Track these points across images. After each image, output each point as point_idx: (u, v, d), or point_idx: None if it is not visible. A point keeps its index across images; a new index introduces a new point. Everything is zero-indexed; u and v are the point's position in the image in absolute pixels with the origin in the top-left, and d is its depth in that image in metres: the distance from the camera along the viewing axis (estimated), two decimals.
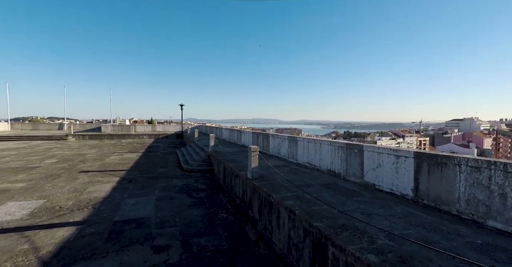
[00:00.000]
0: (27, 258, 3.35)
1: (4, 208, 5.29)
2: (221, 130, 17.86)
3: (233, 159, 8.31)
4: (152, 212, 5.25)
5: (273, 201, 4.10)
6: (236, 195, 6.30)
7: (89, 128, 28.27)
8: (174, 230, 4.35)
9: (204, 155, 11.07)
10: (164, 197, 6.35)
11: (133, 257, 3.43)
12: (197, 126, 29.49)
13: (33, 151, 14.82)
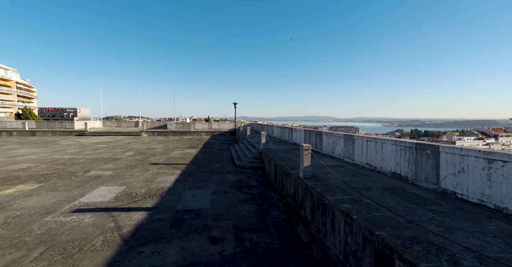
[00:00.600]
0: (113, 234, 4.00)
1: (98, 191, 6.46)
2: (272, 128, 17.96)
3: (284, 157, 8.23)
4: (208, 204, 5.62)
5: (327, 203, 3.87)
6: (287, 193, 6.22)
7: (157, 126, 32.33)
8: (228, 224, 4.56)
9: (256, 152, 11.30)
10: (218, 191, 6.74)
11: (192, 245, 3.73)
12: (249, 124, 30.46)
13: (117, 144, 17.76)
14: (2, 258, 3.28)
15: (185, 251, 3.54)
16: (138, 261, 3.27)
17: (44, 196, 5.98)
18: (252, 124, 29.08)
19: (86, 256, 3.35)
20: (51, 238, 3.85)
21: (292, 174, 5.79)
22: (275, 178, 7.74)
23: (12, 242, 3.72)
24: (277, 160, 7.59)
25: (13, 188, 6.53)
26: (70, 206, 5.34)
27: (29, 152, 13.19)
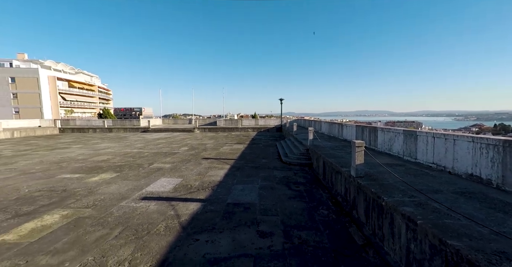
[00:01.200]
0: (173, 222, 4.46)
1: (159, 182, 7.27)
2: (320, 124, 17.27)
3: (334, 154, 7.82)
4: (256, 199, 5.75)
5: (384, 204, 3.53)
6: (337, 192, 5.91)
7: (208, 123, 34.54)
8: (276, 219, 4.59)
9: (303, 149, 11.06)
10: (266, 186, 6.83)
11: (242, 237, 3.88)
12: (295, 120, 29.97)
13: (174, 140, 19.64)
14: (94, 233, 3.99)
15: (236, 242, 3.71)
16: (195, 247, 3.57)
17: (120, 184, 7.02)
18: (298, 120, 28.53)
19: (153, 239, 3.82)
20: (126, 221, 4.51)
21: (343, 172, 5.47)
22: (323, 175, 7.44)
23: (99, 221, 4.49)
24: (325, 157, 7.28)
25: (98, 176, 7.85)
26: (139, 194, 6.14)
27: (108, 146, 15.66)
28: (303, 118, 30.46)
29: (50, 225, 4.31)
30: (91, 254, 3.38)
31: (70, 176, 7.89)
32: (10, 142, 17.93)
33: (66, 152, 12.99)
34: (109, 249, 3.51)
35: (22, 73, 50.22)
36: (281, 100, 29.75)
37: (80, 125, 29.61)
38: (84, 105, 63.64)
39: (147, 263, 3.16)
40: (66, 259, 3.24)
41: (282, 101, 29.78)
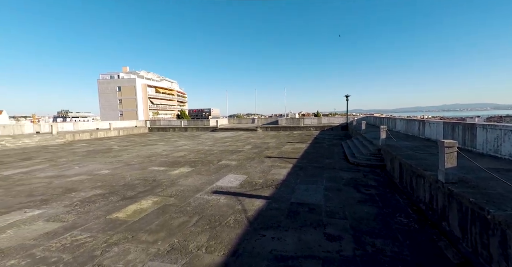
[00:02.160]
0: (241, 216, 4.75)
1: (227, 178, 7.86)
2: (395, 121, 15.25)
3: (413, 155, 6.78)
4: (322, 200, 5.53)
5: (491, 218, 2.84)
6: (419, 198, 5.10)
7: (270, 122, 35.26)
8: (344, 223, 4.32)
9: (373, 149, 10.00)
10: (331, 187, 6.49)
11: (308, 238, 3.81)
12: (363, 117, 27.37)
13: (239, 139, 20.87)
14: (177, 219, 4.65)
15: (302, 243, 3.67)
16: (262, 242, 3.71)
17: (195, 177, 7.92)
18: (367, 117, 25.97)
19: (224, 230, 4.16)
20: (201, 211, 5.06)
21: (427, 176, 4.68)
22: (400, 179, 6.55)
23: (180, 209, 5.19)
24: (403, 158, 6.38)
25: (177, 170, 9.08)
26: (210, 187, 6.78)
27: (184, 144, 17.91)
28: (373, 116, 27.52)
29: (146, 208, 5.24)
30: (176, 237, 3.94)
31: (158, 168, 9.38)
32: (117, 139, 22.66)
33: (154, 148, 15.51)
34: (189, 234, 4.02)
35: (124, 83, 62.71)
36: (347, 97, 27.70)
37: (163, 125, 34.86)
38: (166, 107, 74.52)
39: (220, 252, 3.47)
40: (159, 239, 3.88)
41: (348, 98, 27.70)
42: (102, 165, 10.08)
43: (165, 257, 3.35)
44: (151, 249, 3.57)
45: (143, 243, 3.75)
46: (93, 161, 11.20)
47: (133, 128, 31.57)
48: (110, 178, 7.89)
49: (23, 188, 6.89)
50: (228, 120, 40.23)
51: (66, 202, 5.67)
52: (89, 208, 5.25)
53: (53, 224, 4.46)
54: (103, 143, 19.11)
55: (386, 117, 19.86)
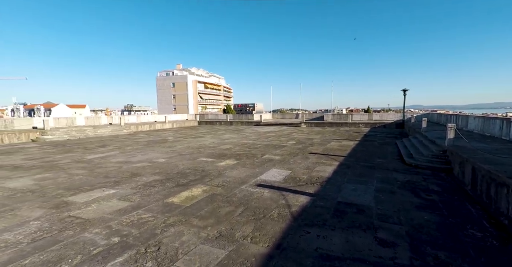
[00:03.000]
0: (285, 210, 4.77)
1: (271, 172, 7.94)
2: (466, 119, 13.11)
3: (493, 159, 5.75)
4: (372, 202, 5.15)
5: None
6: (501, 211, 4.31)
7: (314, 117, 34.11)
8: (398, 229, 3.95)
9: (436, 150, 8.81)
10: (383, 189, 5.98)
11: (357, 240, 3.60)
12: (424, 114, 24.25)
13: (282, 134, 20.79)
14: (224, 208, 4.93)
15: (350, 244, 3.49)
16: (306, 239, 3.67)
17: (240, 170, 8.23)
18: (429, 114, 22.91)
19: (268, 223, 4.24)
20: (246, 202, 5.25)
21: None
22: (472, 185, 5.64)
23: (227, 199, 5.47)
24: (478, 162, 5.46)
25: (224, 162, 9.56)
26: (255, 180, 6.95)
27: (229, 137, 18.69)
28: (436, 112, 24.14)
29: (196, 196, 5.68)
30: (223, 225, 4.18)
31: (206, 159, 10.03)
32: (171, 131, 24.98)
33: (202, 140, 16.61)
34: (236, 223, 4.22)
35: (178, 79, 68.37)
36: (404, 91, 24.87)
37: (211, 119, 36.96)
38: (213, 102, 78.66)
39: (265, 243, 3.56)
40: (208, 225, 4.18)
41: (405, 93, 24.84)
42: (159, 154, 11.25)
43: (214, 242, 3.60)
44: (201, 233, 3.87)
45: (194, 227, 4.09)
46: (152, 150, 12.60)
47: (184, 121, 34.28)
48: (166, 166, 8.77)
49: (101, 170, 8.18)
50: (271, 115, 40.36)
51: (133, 184, 6.54)
52: (150, 191, 5.95)
53: (124, 203, 5.20)
54: (159, 134, 21.29)
55: (454, 114, 17.19)
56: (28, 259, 3.18)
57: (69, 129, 19.69)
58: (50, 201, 5.30)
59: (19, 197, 5.58)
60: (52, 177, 7.26)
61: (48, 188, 6.20)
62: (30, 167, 8.61)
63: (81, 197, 5.53)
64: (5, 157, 10.63)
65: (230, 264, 3.07)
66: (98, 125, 23.86)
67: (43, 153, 11.61)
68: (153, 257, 3.20)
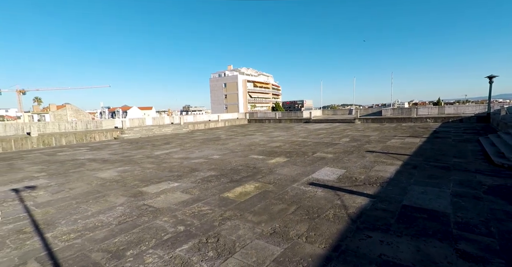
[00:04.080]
0: (341, 211, 4.51)
1: (323, 170, 7.62)
2: None
3: None
4: (449, 208, 4.43)
5: None
6: None
7: (370, 113, 31.27)
8: (489, 241, 3.28)
9: None
10: (464, 194, 5.07)
11: (431, 251, 3.15)
12: None
13: (334, 131, 19.73)
14: (276, 206, 4.96)
15: (422, 254, 3.08)
16: (368, 243, 3.38)
17: (290, 168, 8.14)
18: None
19: (323, 223, 4.08)
20: (298, 201, 5.16)
21: None
22: None
23: (279, 196, 5.49)
24: None
25: (274, 159, 9.61)
26: (306, 179, 6.78)
27: (279, 135, 18.69)
28: None
29: (249, 192, 5.86)
30: (277, 222, 4.20)
31: (257, 156, 10.26)
32: (223, 129, 26.44)
33: (252, 138, 17.05)
34: (289, 221, 4.19)
35: (229, 79, 71.98)
36: (490, 79, 20.56)
37: (260, 117, 37.65)
38: (262, 100, 79.98)
39: (321, 244, 3.43)
40: (262, 221, 4.27)
41: (492, 80, 20.51)
42: (214, 151, 12.03)
43: (269, 238, 3.65)
44: (256, 229, 3.97)
45: (249, 222, 4.22)
46: (207, 147, 13.56)
47: (235, 120, 35.81)
48: (220, 162, 9.32)
49: (166, 165, 9.22)
50: (321, 112, 38.74)
51: (192, 179, 7.16)
52: (207, 186, 6.41)
53: (186, 195, 5.74)
54: (213, 132, 22.77)
55: None
56: (117, 238, 3.81)
57: (140, 128, 22.80)
58: (129, 190, 6.24)
59: (108, 185, 6.74)
60: (130, 170, 8.53)
61: (127, 179, 7.30)
62: (114, 161, 10.30)
63: (152, 188, 6.34)
64: (97, 152, 12.99)
65: (286, 262, 3.06)
66: (162, 124, 26.92)
67: (123, 149, 13.75)
68: (214, 248, 3.43)
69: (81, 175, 7.94)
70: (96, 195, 5.95)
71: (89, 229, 4.13)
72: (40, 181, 7.35)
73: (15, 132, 17.32)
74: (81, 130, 20.36)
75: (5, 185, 7.06)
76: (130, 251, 3.41)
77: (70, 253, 3.43)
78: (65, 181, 7.32)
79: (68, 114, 48.65)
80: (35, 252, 3.48)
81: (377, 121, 26.20)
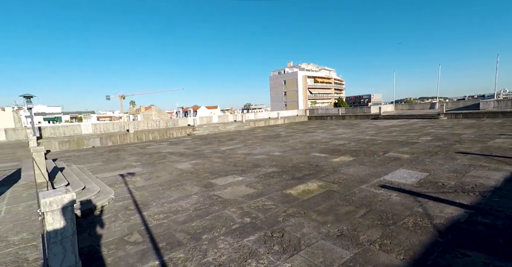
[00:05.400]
0: (423, 220, 3.89)
1: (398, 172, 6.73)
2: None
3: None
4: None
5: None
6: None
7: (462, 106, 25.80)
8: None
9: None
10: None
11: None
12: None
13: (410, 128, 17.17)
14: (343, 207, 4.67)
15: None
16: (465, 263, 2.81)
17: (357, 167, 7.51)
18: None
19: (401, 231, 3.60)
20: (368, 204, 4.71)
21: None
22: None
23: (345, 197, 5.14)
24: None
25: (338, 158, 9.05)
26: (377, 180, 6.12)
27: (342, 132, 17.50)
28: None
29: (312, 190, 5.70)
30: (344, 224, 3.95)
31: (319, 154, 9.87)
32: (283, 126, 26.50)
33: (313, 135, 16.50)
34: (358, 225, 3.88)
35: (289, 76, 71.67)
36: None
37: (321, 114, 36.09)
38: (323, 96, 76.51)
39: (399, 255, 3.04)
40: (327, 221, 4.09)
41: None
42: (275, 148, 12.19)
43: (336, 240, 3.46)
44: (321, 228, 3.83)
45: (313, 221, 4.11)
46: (268, 144, 13.85)
47: (295, 117, 35.36)
48: (281, 159, 9.38)
49: (231, 160, 9.88)
50: (394, 107, 34.30)
51: (255, 174, 7.44)
52: (270, 182, 6.55)
53: (250, 189, 6.03)
54: (273, 129, 23.09)
55: None
56: (194, 222, 4.32)
57: (208, 126, 25.11)
58: (201, 181, 6.97)
59: (184, 176, 7.70)
60: (201, 163, 9.51)
61: (199, 171, 8.16)
62: (188, 154, 11.69)
63: (220, 181, 6.91)
64: (175, 146, 15.01)
65: None
66: (226, 122, 28.93)
67: (194, 144, 15.45)
68: (279, 242, 3.49)
69: (164, 166, 9.32)
70: (176, 183, 6.88)
71: (172, 212, 4.82)
72: (137, 169, 8.99)
73: (119, 129, 21.75)
74: (163, 127, 23.86)
75: (114, 170, 8.93)
76: (205, 235, 3.81)
77: (160, 230, 4.08)
78: (153, 170, 8.74)
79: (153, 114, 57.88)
80: (137, 226, 4.29)
81: (472, 116, 21.46)
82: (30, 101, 15.95)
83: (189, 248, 3.45)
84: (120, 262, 3.23)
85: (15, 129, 18.71)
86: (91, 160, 11.41)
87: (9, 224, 3.53)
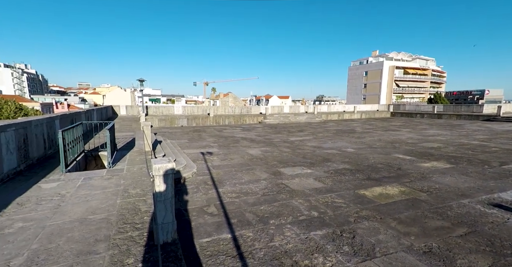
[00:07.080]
0: None
1: None
2: None
3: None
4: None
5: None
6: None
7: None
8: None
9: None
10: None
11: None
12: None
13: None
14: (432, 220, 3.93)
15: None
16: None
17: (457, 178, 6.13)
18: None
19: None
20: (472, 223, 3.80)
21: None
22: None
23: (437, 210, 4.30)
24: None
25: (429, 163, 7.61)
26: (486, 197, 4.85)
27: (437, 133, 14.53)
28: None
29: (392, 195, 5.02)
30: (434, 241, 3.32)
31: (403, 156, 8.55)
32: (359, 121, 24.14)
33: (397, 134, 14.37)
34: (455, 245, 3.19)
35: (372, 67, 63.96)
36: None
37: (408, 110, 30.92)
38: (414, 90, 65.12)
39: None
40: (410, 233, 3.53)
41: None
42: (348, 144, 11.27)
43: (422, 256, 2.96)
44: (402, 239, 3.35)
45: (392, 229, 3.63)
46: (340, 139, 12.93)
47: (375, 112, 31.58)
48: (355, 157, 8.61)
49: (300, 151, 9.75)
50: None
51: (325, 168, 7.11)
52: (341, 179, 6.14)
53: (318, 183, 5.82)
54: (347, 124, 21.34)
55: None
56: (262, 206, 4.52)
57: (279, 115, 25.41)
58: (270, 168, 7.17)
59: (254, 161, 8.11)
60: (270, 151, 9.77)
61: (268, 158, 8.41)
62: (258, 141, 12.22)
63: (288, 170, 6.94)
64: (247, 132, 15.94)
65: None
66: (297, 113, 28.53)
67: (265, 132, 15.98)
68: (349, 243, 3.26)
69: (237, 149, 10.06)
70: (247, 167, 7.33)
71: (243, 193, 5.18)
72: (214, 149, 10.05)
73: (202, 112, 24.77)
74: (237, 114, 25.64)
75: (197, 148, 10.26)
76: (272, 220, 3.94)
77: (232, 207, 4.47)
78: (228, 152, 9.56)
79: (230, 100, 62.88)
80: (213, 200, 4.83)
81: None
82: (142, 84, 20.20)
83: (257, 229, 3.65)
84: (200, 228, 3.73)
85: (132, 106, 24.15)
86: (180, 137, 13.43)
87: (129, 180, 4.58)
